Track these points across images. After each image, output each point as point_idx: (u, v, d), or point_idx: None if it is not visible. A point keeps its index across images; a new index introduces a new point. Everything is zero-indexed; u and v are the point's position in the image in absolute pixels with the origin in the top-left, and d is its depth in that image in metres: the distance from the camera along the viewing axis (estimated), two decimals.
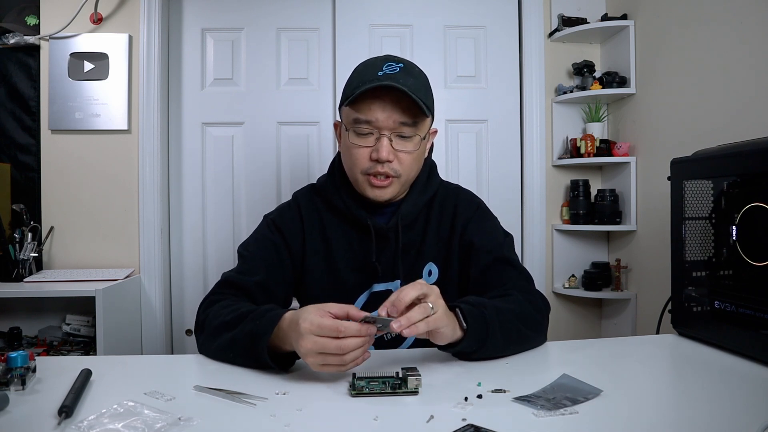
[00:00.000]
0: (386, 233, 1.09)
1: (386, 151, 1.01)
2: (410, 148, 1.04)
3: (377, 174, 1.03)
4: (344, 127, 1.06)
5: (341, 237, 1.12)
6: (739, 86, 1.59)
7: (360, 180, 1.06)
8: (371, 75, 1.01)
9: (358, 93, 0.99)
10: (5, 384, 0.74)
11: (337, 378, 0.81)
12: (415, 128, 1.03)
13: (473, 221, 1.14)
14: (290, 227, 1.13)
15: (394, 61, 1.03)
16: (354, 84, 1.03)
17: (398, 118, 1.01)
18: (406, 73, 1.01)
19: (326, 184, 1.15)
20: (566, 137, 2.30)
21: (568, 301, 2.34)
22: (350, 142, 1.04)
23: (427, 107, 1.02)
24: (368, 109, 1.01)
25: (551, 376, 0.80)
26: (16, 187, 2.13)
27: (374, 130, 1.02)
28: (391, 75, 1.00)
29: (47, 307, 2.10)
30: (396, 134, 1.02)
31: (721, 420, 0.66)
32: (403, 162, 1.04)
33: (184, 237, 2.26)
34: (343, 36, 2.26)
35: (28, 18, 2.13)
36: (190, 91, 2.26)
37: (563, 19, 2.24)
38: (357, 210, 1.10)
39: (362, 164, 1.04)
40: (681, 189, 1.05)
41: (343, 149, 1.10)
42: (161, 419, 0.64)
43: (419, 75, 1.05)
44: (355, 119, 1.02)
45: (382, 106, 1.00)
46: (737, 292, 0.95)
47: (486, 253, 1.09)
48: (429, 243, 1.12)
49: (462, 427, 0.63)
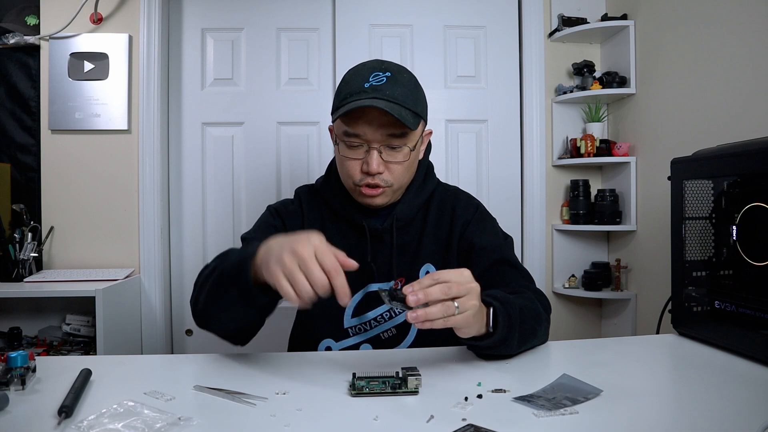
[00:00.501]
0: (381, 234, 1.10)
1: (376, 164, 1.01)
2: (400, 159, 1.04)
3: (368, 185, 1.04)
4: (336, 137, 1.07)
5: (339, 236, 1.12)
6: (739, 86, 1.59)
7: (354, 190, 1.07)
8: (358, 86, 1.00)
9: (342, 111, 0.99)
10: (5, 384, 0.74)
11: (337, 378, 0.81)
12: (404, 139, 1.03)
13: (473, 223, 1.14)
14: (291, 218, 1.14)
15: (380, 71, 1.02)
16: (342, 95, 1.02)
17: (385, 131, 1.00)
18: (393, 82, 1.00)
19: (324, 187, 1.16)
20: (566, 137, 2.30)
21: (568, 301, 2.34)
22: (341, 155, 1.05)
23: (416, 114, 1.01)
24: (356, 124, 1.00)
25: (551, 376, 0.80)
26: (16, 187, 2.13)
27: (363, 143, 1.02)
28: (378, 87, 0.99)
29: (47, 307, 2.10)
30: (385, 145, 1.02)
31: (721, 420, 0.66)
32: (394, 172, 1.04)
33: (184, 237, 2.26)
34: (343, 36, 2.26)
35: (28, 18, 2.13)
36: (190, 91, 2.26)
37: (563, 19, 2.24)
38: (353, 211, 1.11)
39: (354, 176, 1.04)
40: (681, 189, 1.05)
41: (337, 158, 1.11)
42: (161, 419, 0.64)
43: (408, 82, 1.03)
44: (344, 132, 1.03)
45: (369, 121, 1.00)
46: (737, 292, 0.95)
47: (487, 254, 1.08)
48: (426, 244, 1.12)
49: (462, 427, 0.63)
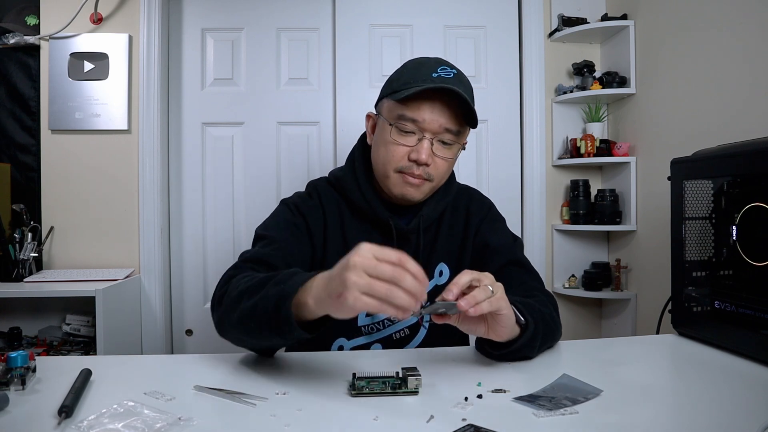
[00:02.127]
0: (408, 235, 1.08)
1: (426, 154, 0.99)
2: (449, 156, 1.03)
3: (412, 175, 1.02)
4: (386, 120, 1.03)
5: (361, 234, 1.07)
6: (739, 86, 1.59)
7: (392, 177, 1.03)
8: (425, 75, 0.99)
9: (415, 90, 0.97)
10: (5, 384, 0.74)
11: (337, 378, 0.81)
12: (458, 137, 1.02)
13: (486, 222, 1.14)
14: (313, 215, 1.09)
15: (448, 66, 1.02)
16: (404, 79, 1.01)
17: (444, 123, 0.99)
18: (459, 80, 1.00)
19: (344, 179, 1.11)
20: (566, 137, 2.30)
21: (568, 301, 2.34)
22: (391, 138, 1.01)
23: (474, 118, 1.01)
24: (417, 108, 0.99)
25: (551, 376, 0.80)
26: (16, 187, 2.13)
27: (418, 130, 1.00)
28: (446, 79, 0.98)
29: (47, 307, 2.10)
30: (438, 139, 1.01)
31: (721, 420, 0.66)
32: (439, 168, 1.03)
33: (184, 237, 2.26)
34: (343, 36, 2.26)
35: (28, 18, 2.13)
36: (190, 91, 2.26)
37: (563, 19, 2.24)
38: (380, 209, 1.07)
39: (399, 162, 1.01)
40: (681, 189, 1.05)
41: (379, 143, 1.05)
42: (161, 419, 0.64)
43: (468, 85, 1.03)
44: (400, 115, 1.00)
45: (432, 108, 0.99)
46: (737, 292, 0.95)
47: (501, 254, 1.08)
48: (441, 243, 1.11)
49: (462, 427, 0.63)
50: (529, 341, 0.86)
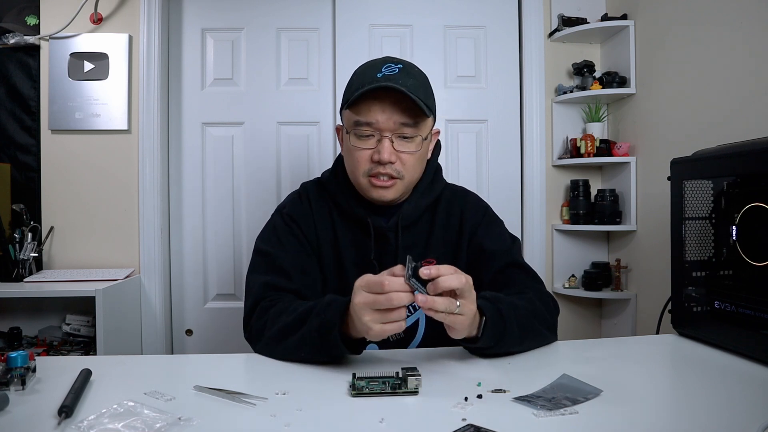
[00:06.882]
0: (385, 233, 1.09)
1: (388, 153, 1.01)
2: (412, 149, 1.04)
3: (379, 175, 1.03)
4: (345, 130, 1.07)
5: (346, 231, 1.12)
6: (739, 86, 1.59)
7: (362, 182, 1.06)
8: (370, 77, 1.01)
9: (357, 95, 1.00)
10: (5, 384, 0.74)
11: (337, 378, 0.81)
12: (416, 128, 1.03)
13: (482, 226, 1.14)
14: (304, 218, 1.13)
15: (393, 62, 1.03)
16: (354, 87, 1.03)
17: (399, 119, 1.01)
18: (405, 74, 1.02)
19: (330, 181, 1.15)
20: (566, 137, 2.30)
21: (568, 301, 2.34)
22: (351, 145, 1.04)
23: (427, 107, 1.02)
24: (368, 111, 1.01)
25: (551, 376, 0.80)
26: (16, 187, 2.13)
27: (375, 131, 1.02)
28: (390, 76, 1.00)
29: (47, 307, 2.10)
30: (397, 135, 1.02)
31: (721, 420, 0.66)
32: (406, 163, 1.04)
33: (184, 237, 2.26)
34: (343, 36, 2.26)
35: (28, 18, 2.13)
36: (190, 91, 2.26)
37: (563, 19, 2.24)
38: (358, 208, 1.10)
39: (364, 166, 1.04)
40: (681, 189, 1.05)
41: (345, 153, 1.10)
42: (161, 419, 0.64)
43: (419, 75, 1.05)
44: (355, 122, 1.03)
45: (382, 108, 1.00)
46: (737, 292, 0.95)
47: (497, 258, 1.09)
48: (434, 245, 1.12)
49: (462, 427, 0.63)
50: (496, 342, 0.87)
